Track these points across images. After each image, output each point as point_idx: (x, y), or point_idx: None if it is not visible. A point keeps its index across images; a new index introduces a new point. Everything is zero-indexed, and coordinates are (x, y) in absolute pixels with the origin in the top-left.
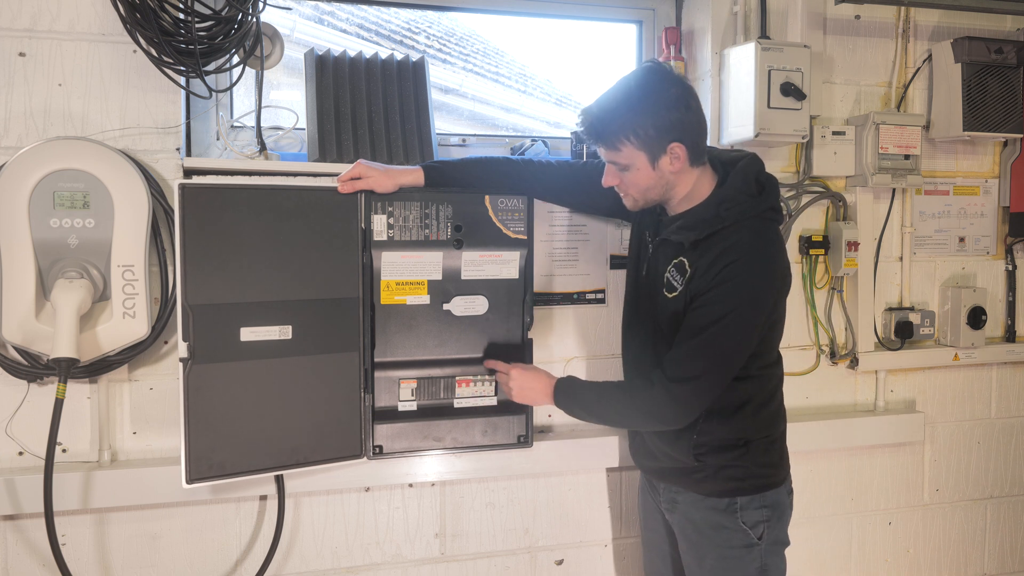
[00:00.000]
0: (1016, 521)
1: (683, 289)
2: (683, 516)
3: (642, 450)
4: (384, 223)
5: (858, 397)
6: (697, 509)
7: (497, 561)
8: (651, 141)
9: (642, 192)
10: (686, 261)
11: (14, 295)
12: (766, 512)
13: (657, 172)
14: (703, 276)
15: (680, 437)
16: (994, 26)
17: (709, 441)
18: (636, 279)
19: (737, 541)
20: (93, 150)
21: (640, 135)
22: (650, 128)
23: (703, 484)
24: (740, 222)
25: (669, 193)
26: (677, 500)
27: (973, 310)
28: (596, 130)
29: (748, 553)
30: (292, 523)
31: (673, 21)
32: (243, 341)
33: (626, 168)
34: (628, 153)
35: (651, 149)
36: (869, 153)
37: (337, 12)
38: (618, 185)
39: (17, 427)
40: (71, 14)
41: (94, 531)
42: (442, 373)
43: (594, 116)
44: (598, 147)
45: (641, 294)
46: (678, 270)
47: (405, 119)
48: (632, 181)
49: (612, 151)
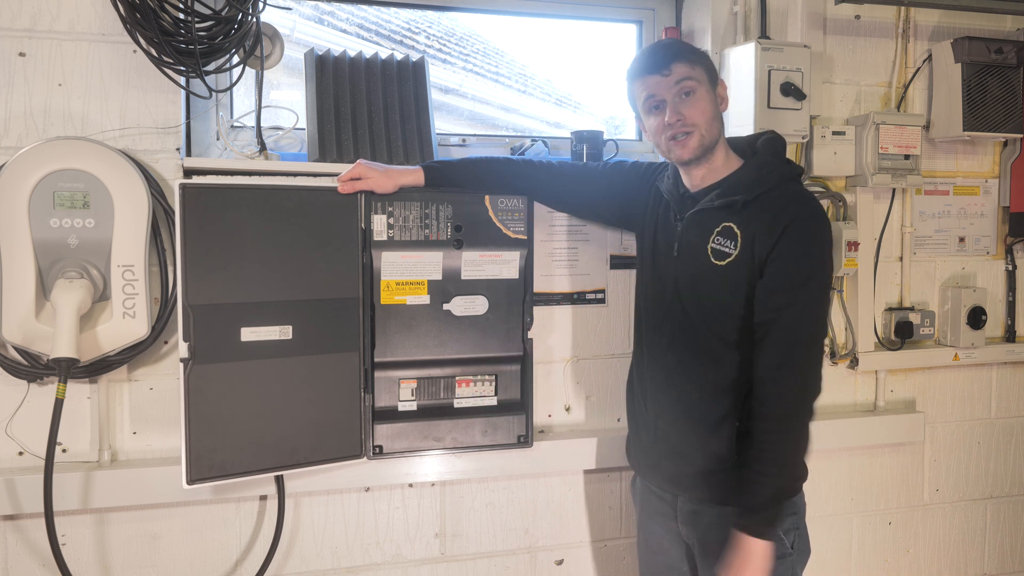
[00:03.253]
0: (1016, 521)
1: (739, 253)
2: (707, 530)
3: (664, 455)
4: (384, 223)
5: (858, 397)
6: (726, 522)
7: (497, 561)
8: (711, 71)
9: (708, 121)
10: (734, 225)
11: (14, 295)
12: (795, 519)
13: (714, 104)
14: (767, 235)
15: (722, 426)
16: (994, 26)
17: (751, 435)
18: (664, 263)
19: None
20: (93, 150)
21: (705, 63)
22: (710, 63)
23: (736, 495)
24: (782, 185)
25: (715, 147)
26: (699, 513)
27: (973, 310)
28: (680, 46)
29: (781, 564)
30: (292, 523)
31: (673, 21)
32: (243, 341)
33: (693, 90)
34: (699, 73)
35: (711, 76)
36: (869, 153)
37: (337, 12)
38: (681, 120)
39: (17, 427)
40: (71, 14)
41: (94, 531)
42: (442, 373)
43: (675, 39)
44: (675, 64)
45: (674, 275)
46: (726, 236)
47: (405, 119)
48: (701, 107)
49: (688, 66)
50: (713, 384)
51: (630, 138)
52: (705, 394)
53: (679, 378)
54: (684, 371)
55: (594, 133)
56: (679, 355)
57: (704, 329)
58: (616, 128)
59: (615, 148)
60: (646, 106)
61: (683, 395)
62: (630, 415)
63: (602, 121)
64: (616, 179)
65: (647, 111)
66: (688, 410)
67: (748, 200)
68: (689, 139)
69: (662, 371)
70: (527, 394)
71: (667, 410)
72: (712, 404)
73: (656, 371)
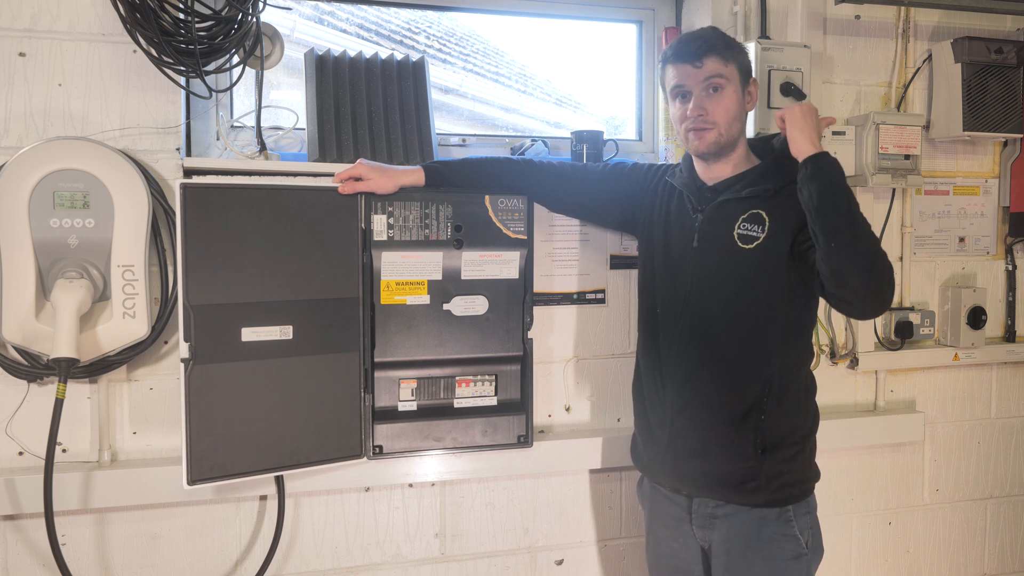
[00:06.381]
0: (1016, 521)
1: (767, 236)
2: (725, 532)
3: (681, 454)
4: (384, 223)
5: (858, 397)
6: (743, 523)
7: (497, 561)
8: (745, 70)
9: (729, 120)
10: (763, 212)
11: (14, 295)
12: (810, 519)
13: (740, 103)
14: (798, 214)
15: (745, 420)
16: (994, 26)
17: (774, 430)
18: (679, 257)
19: (787, 553)
20: (93, 150)
21: (741, 60)
22: (746, 60)
23: (755, 495)
24: None
25: (735, 144)
26: (716, 515)
27: (973, 310)
28: (719, 40)
29: (796, 564)
30: (292, 523)
31: (673, 21)
32: (244, 341)
33: (720, 87)
34: (731, 71)
35: (744, 75)
36: (869, 153)
37: (337, 12)
38: (703, 115)
39: (17, 427)
40: (71, 14)
41: (94, 531)
42: (442, 373)
43: (716, 31)
44: (709, 58)
45: (692, 268)
46: (753, 221)
47: (405, 119)
48: (725, 105)
49: (721, 63)
50: (736, 376)
51: (630, 138)
52: (728, 387)
53: (701, 372)
54: (706, 364)
55: (594, 133)
56: (700, 349)
57: (726, 320)
58: (616, 128)
59: (615, 148)
60: (673, 92)
61: (706, 389)
62: (639, 416)
63: (602, 121)
64: (616, 181)
65: (673, 97)
66: (711, 404)
67: (778, 188)
68: (707, 133)
69: (682, 367)
70: (527, 394)
71: (688, 406)
72: (736, 397)
73: (676, 367)
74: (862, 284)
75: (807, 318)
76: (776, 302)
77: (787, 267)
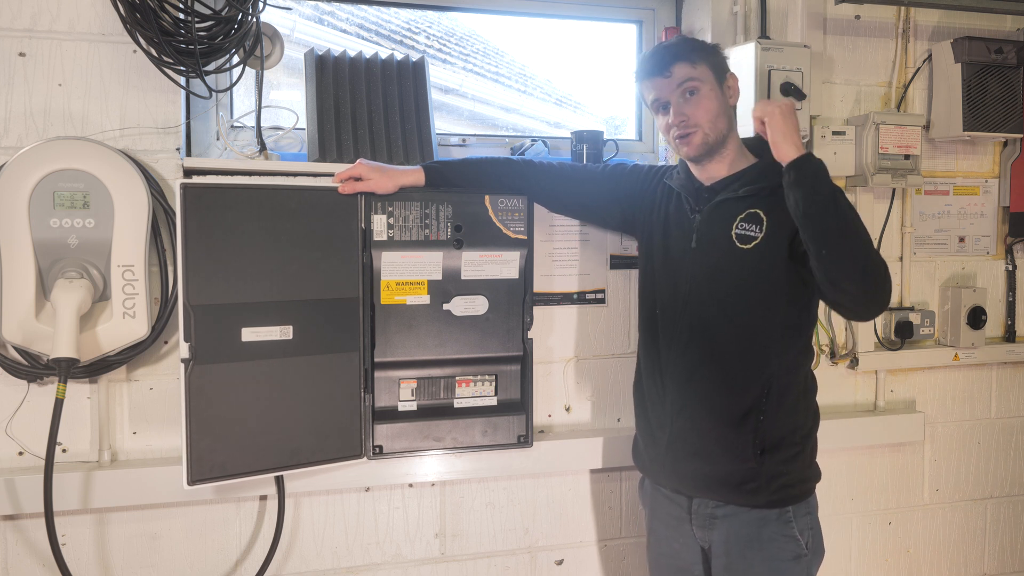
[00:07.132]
0: (1016, 521)
1: (765, 236)
2: (725, 532)
3: (681, 455)
4: (384, 223)
5: (858, 397)
6: (743, 523)
7: (497, 561)
8: (718, 67)
9: (712, 120)
10: (760, 211)
11: (14, 295)
12: (810, 520)
13: (720, 100)
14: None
15: (745, 421)
16: (994, 26)
17: (773, 431)
18: (679, 258)
19: (787, 553)
20: (93, 150)
21: (711, 59)
22: (717, 58)
23: (755, 495)
24: None
25: (725, 141)
26: (716, 515)
27: (973, 310)
28: (682, 46)
29: (796, 565)
30: (292, 523)
31: (673, 21)
32: (244, 341)
33: (696, 90)
34: (702, 71)
35: (718, 72)
36: (869, 153)
37: (337, 12)
38: (684, 121)
39: (17, 427)
40: (71, 14)
41: (94, 531)
42: (442, 373)
43: (680, 37)
44: (676, 65)
45: (691, 268)
46: (751, 221)
47: (405, 119)
48: (704, 106)
49: (690, 66)
50: (735, 377)
51: (630, 138)
52: (728, 388)
53: (701, 372)
54: (706, 365)
55: (594, 133)
56: (699, 349)
57: (725, 321)
58: (616, 128)
59: (615, 148)
60: (654, 107)
61: (705, 390)
62: (640, 416)
63: (602, 121)
64: (617, 182)
65: (655, 111)
66: (711, 405)
67: (775, 186)
68: (693, 137)
69: (682, 367)
70: (527, 394)
71: (688, 406)
72: (735, 397)
73: (676, 368)
74: (856, 288)
75: (807, 318)
76: (775, 303)
77: (786, 268)
